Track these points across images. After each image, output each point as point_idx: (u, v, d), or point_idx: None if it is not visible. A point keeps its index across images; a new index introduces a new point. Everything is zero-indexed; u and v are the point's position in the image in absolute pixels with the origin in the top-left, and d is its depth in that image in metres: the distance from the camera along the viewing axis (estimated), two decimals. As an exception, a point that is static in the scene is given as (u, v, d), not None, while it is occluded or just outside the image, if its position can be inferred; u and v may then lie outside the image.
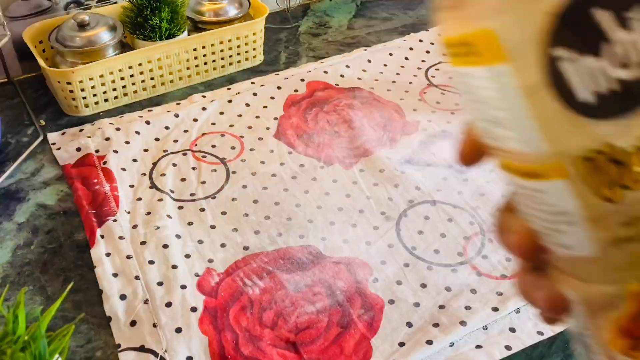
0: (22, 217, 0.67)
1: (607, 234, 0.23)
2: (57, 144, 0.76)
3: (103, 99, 0.82)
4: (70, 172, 0.72)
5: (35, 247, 0.64)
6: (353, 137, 0.78)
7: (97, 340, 0.55)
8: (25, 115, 0.81)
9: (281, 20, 1.03)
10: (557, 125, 0.22)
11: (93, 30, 0.82)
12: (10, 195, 0.70)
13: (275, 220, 0.67)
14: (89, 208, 0.67)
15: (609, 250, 0.23)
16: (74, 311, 0.57)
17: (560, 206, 0.24)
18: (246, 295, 0.59)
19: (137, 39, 0.85)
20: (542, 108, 0.22)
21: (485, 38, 0.22)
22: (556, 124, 0.22)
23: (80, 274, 0.61)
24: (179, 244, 0.64)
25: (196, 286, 0.60)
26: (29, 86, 0.87)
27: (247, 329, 0.56)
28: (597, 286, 0.24)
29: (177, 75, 0.86)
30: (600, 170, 0.22)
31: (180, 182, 0.71)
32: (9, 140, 0.77)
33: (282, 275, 0.61)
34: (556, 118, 0.22)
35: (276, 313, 0.57)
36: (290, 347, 0.55)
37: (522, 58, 0.22)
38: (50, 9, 0.88)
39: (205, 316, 0.57)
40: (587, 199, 0.23)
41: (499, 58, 0.22)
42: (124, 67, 0.81)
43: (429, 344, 0.55)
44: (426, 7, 1.09)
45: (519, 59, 0.22)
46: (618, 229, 0.23)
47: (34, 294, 0.59)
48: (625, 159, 0.22)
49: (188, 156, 0.75)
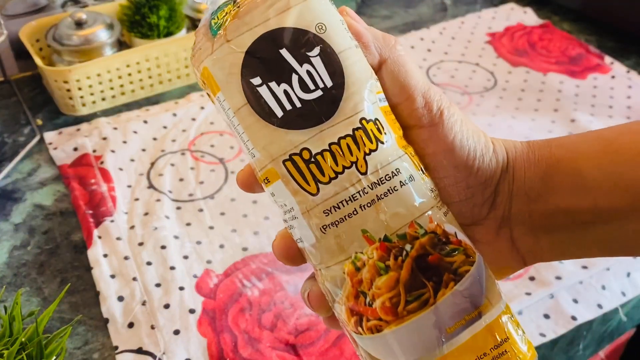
0: (19, 218, 0.66)
1: (317, 221, 0.29)
2: (53, 143, 0.76)
3: (100, 98, 0.81)
4: (67, 172, 0.71)
5: (32, 247, 0.63)
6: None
7: (95, 342, 0.55)
8: (21, 115, 0.81)
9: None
10: (261, 136, 0.29)
11: (90, 28, 0.81)
12: (6, 196, 0.69)
13: (275, 220, 0.66)
14: (86, 208, 0.66)
15: (322, 235, 0.29)
16: (71, 313, 0.57)
17: (286, 205, 0.29)
18: (245, 296, 0.58)
19: (134, 37, 0.84)
20: (249, 123, 0.29)
21: (207, 74, 0.29)
22: (260, 135, 0.29)
23: (77, 275, 0.60)
24: (177, 245, 0.63)
25: (195, 287, 0.59)
26: (26, 85, 0.86)
27: (246, 331, 0.55)
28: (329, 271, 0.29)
29: (175, 74, 0.85)
30: (300, 170, 0.28)
31: (179, 182, 0.71)
32: (5, 139, 0.77)
33: (281, 276, 0.60)
34: (260, 130, 0.28)
35: (275, 315, 0.57)
36: (289, 349, 0.54)
37: (228, 86, 0.29)
38: (47, 7, 0.87)
39: (203, 318, 0.56)
40: (297, 194, 0.29)
41: (217, 88, 0.29)
42: (122, 66, 0.81)
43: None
44: (427, 5, 1.09)
45: (226, 87, 0.29)
46: (323, 217, 0.28)
47: (31, 295, 0.58)
48: (318, 159, 0.28)
49: (186, 156, 0.74)
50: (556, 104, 0.85)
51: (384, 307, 0.28)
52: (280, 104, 0.28)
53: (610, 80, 0.90)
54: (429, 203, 0.29)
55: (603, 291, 0.60)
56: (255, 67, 0.28)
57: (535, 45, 0.98)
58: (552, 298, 0.59)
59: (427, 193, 0.29)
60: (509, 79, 0.91)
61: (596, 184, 0.31)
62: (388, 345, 0.29)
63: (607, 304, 0.59)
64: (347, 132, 0.28)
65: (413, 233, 0.28)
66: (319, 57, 0.28)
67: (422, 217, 0.29)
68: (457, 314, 0.28)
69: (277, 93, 0.28)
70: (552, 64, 0.94)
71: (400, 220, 0.28)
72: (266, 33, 0.28)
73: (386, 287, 0.28)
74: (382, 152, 0.28)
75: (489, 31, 1.02)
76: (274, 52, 0.28)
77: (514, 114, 0.83)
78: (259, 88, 0.28)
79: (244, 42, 0.28)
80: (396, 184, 0.28)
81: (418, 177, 0.29)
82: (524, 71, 0.92)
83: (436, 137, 0.31)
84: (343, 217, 0.28)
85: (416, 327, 0.28)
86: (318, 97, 0.28)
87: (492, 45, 0.98)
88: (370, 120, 0.28)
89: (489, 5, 1.09)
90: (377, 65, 0.31)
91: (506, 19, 1.05)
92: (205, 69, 0.29)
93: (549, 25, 1.03)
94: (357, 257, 0.28)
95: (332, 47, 0.28)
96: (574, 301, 0.59)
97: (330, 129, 0.28)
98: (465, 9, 1.08)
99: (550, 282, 0.60)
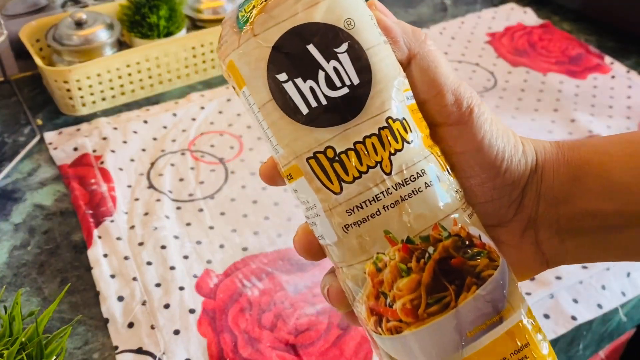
0: (19, 218, 0.66)
1: (339, 220, 0.28)
2: (53, 143, 0.76)
3: (100, 98, 0.81)
4: (67, 172, 0.71)
5: (32, 247, 0.63)
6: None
7: (95, 342, 0.55)
8: (21, 115, 0.81)
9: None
10: (286, 132, 0.28)
11: (90, 28, 0.81)
12: (6, 196, 0.69)
13: (275, 220, 0.66)
14: (86, 208, 0.66)
15: (344, 234, 0.28)
16: (71, 313, 0.57)
17: (309, 202, 0.29)
18: (245, 296, 0.58)
19: (134, 37, 0.84)
20: (274, 120, 0.28)
21: (232, 68, 0.29)
22: (285, 131, 0.28)
23: (77, 275, 0.60)
24: (177, 245, 0.63)
25: (195, 287, 0.59)
26: (26, 85, 0.86)
27: (246, 331, 0.55)
28: (350, 270, 0.29)
29: (175, 74, 0.85)
30: (324, 168, 0.28)
31: (179, 182, 0.71)
32: (6, 139, 0.77)
33: (281, 276, 0.60)
34: (284, 127, 0.28)
35: (275, 315, 0.57)
36: (289, 349, 0.54)
37: (253, 81, 0.28)
38: (47, 7, 0.87)
39: (203, 318, 0.56)
40: (320, 192, 0.28)
41: (242, 82, 0.29)
42: (122, 66, 0.81)
43: (430, 346, 0.55)
44: (427, 5, 1.09)
45: (252, 82, 0.28)
46: (346, 217, 0.28)
47: (31, 295, 0.58)
48: (343, 158, 0.28)
49: (186, 156, 0.74)
50: (556, 104, 0.85)
51: (405, 308, 0.28)
52: (305, 100, 0.27)
53: (610, 80, 0.90)
54: (454, 205, 0.29)
55: (603, 291, 0.60)
56: (281, 62, 0.27)
57: (535, 45, 0.98)
58: (552, 298, 0.59)
59: (452, 194, 0.29)
60: (508, 79, 0.91)
61: (625, 187, 0.30)
62: (407, 347, 0.28)
63: (607, 304, 0.59)
64: (372, 131, 0.27)
65: (436, 235, 0.28)
66: (347, 54, 0.27)
67: (446, 220, 0.28)
68: (478, 318, 0.28)
69: (303, 90, 0.27)
70: (552, 64, 0.94)
71: (424, 222, 0.28)
72: (294, 28, 0.27)
73: (407, 289, 0.28)
74: (407, 152, 0.28)
75: (489, 31, 1.02)
76: (301, 47, 0.27)
77: (514, 114, 0.83)
78: (285, 84, 0.27)
79: (271, 37, 0.27)
80: (421, 185, 0.28)
81: (444, 178, 0.29)
82: (524, 71, 0.92)
83: (464, 135, 0.30)
84: (366, 217, 0.28)
85: (436, 330, 0.28)
86: (344, 95, 0.27)
87: (492, 45, 0.98)
88: (396, 119, 0.28)
89: (489, 5, 1.09)
90: (406, 60, 0.30)
91: (506, 19, 1.05)
92: (231, 62, 0.29)
93: (549, 25, 1.03)
94: (378, 257, 0.28)
95: (360, 43, 0.28)
96: (574, 301, 0.59)
97: (356, 128, 0.27)
98: (465, 9, 1.08)
99: (550, 282, 0.60)
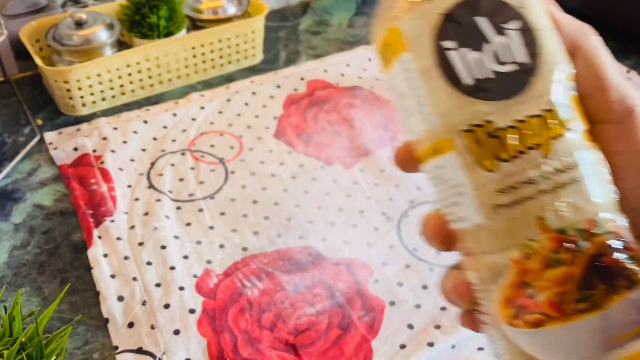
0: (19, 218, 0.66)
1: (488, 200, 0.27)
2: (53, 143, 0.76)
3: (100, 98, 0.81)
4: (67, 172, 0.71)
5: (32, 247, 0.63)
6: (353, 136, 0.77)
7: (95, 342, 0.55)
8: (21, 115, 0.81)
9: (281, 18, 1.03)
10: (445, 101, 0.27)
11: (90, 28, 0.81)
12: (6, 196, 0.69)
13: (275, 220, 0.66)
14: (86, 208, 0.66)
15: (492, 216, 0.27)
16: (71, 313, 0.57)
17: (454, 179, 0.28)
18: (245, 296, 0.58)
19: (134, 37, 0.84)
20: (434, 87, 0.27)
21: (394, 35, 0.28)
22: (444, 100, 0.27)
23: (77, 275, 0.60)
24: (177, 245, 0.63)
25: (194, 287, 0.59)
26: (26, 85, 0.86)
27: (246, 331, 0.55)
28: (488, 257, 0.28)
29: (175, 74, 0.85)
30: (480, 143, 0.27)
31: (179, 182, 0.71)
32: (6, 139, 0.77)
33: (281, 276, 0.60)
34: (444, 95, 0.27)
35: (275, 314, 0.57)
36: (289, 349, 0.54)
37: (418, 47, 0.27)
38: (47, 7, 0.87)
39: (203, 318, 0.56)
40: (471, 168, 0.27)
41: (403, 48, 0.28)
42: (122, 66, 0.80)
43: (430, 346, 0.55)
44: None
45: (416, 47, 0.27)
46: (497, 197, 0.26)
47: (31, 295, 0.58)
48: (502, 134, 0.26)
49: (186, 156, 0.74)
50: (556, 104, 0.85)
51: (551, 301, 0.26)
52: (470, 71, 0.27)
53: (611, 80, 0.90)
54: (610, 204, 0.28)
55: None
56: (451, 30, 0.27)
57: (536, 45, 0.98)
58: None
59: (609, 194, 0.28)
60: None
61: None
62: (547, 342, 0.27)
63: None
64: (535, 112, 0.26)
65: (591, 230, 0.26)
66: (516, 31, 0.27)
67: (602, 216, 0.27)
68: (627, 324, 0.26)
69: (469, 60, 0.27)
70: (552, 64, 0.94)
71: (580, 214, 0.26)
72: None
73: (556, 281, 0.26)
74: (568, 140, 0.27)
75: (489, 31, 1.02)
76: (472, 18, 0.27)
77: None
78: (452, 52, 0.27)
79: (443, 4, 0.27)
80: (579, 175, 0.27)
81: (602, 175, 0.28)
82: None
83: (625, 135, 0.29)
84: (519, 199, 0.26)
85: (582, 329, 0.26)
86: (510, 71, 0.27)
87: (492, 45, 0.98)
88: (560, 105, 0.27)
89: (489, 5, 1.09)
90: (571, 52, 0.29)
91: (506, 19, 1.05)
92: (394, 29, 0.28)
93: (550, 25, 1.03)
94: (527, 244, 0.27)
95: (530, 23, 0.27)
96: None
97: (519, 106, 0.26)
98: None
99: None
